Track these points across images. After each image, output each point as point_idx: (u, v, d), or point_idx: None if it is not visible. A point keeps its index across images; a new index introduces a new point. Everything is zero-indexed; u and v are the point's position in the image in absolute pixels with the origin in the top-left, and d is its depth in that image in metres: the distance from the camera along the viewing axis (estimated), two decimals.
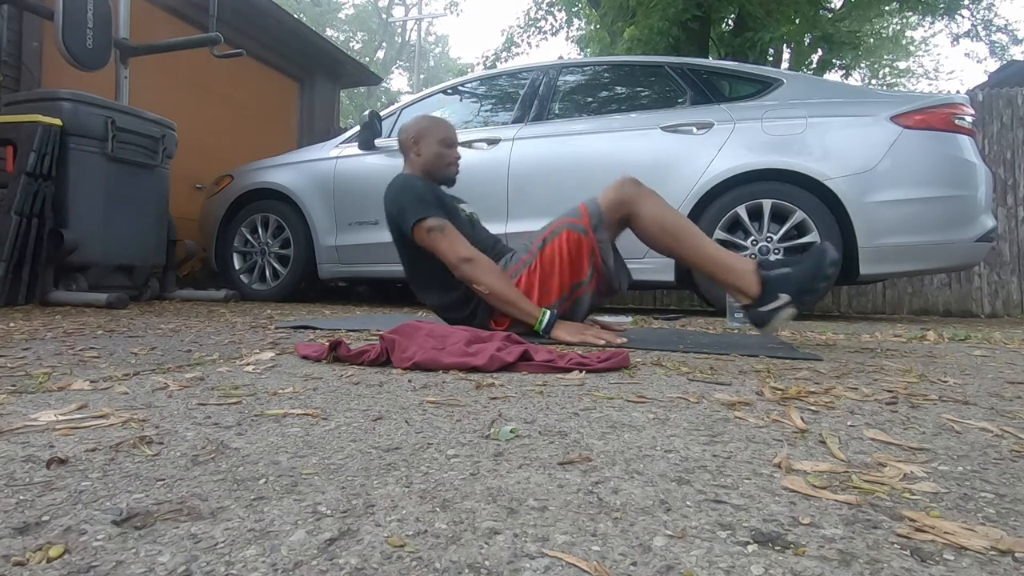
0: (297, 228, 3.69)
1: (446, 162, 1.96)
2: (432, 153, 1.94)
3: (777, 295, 1.52)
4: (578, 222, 1.71)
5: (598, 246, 1.69)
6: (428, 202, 1.78)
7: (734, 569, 0.38)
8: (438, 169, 1.95)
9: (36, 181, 2.67)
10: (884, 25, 12.67)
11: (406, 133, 1.98)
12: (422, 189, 1.82)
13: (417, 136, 1.95)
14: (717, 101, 3.04)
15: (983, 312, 4.44)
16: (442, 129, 1.97)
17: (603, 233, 1.69)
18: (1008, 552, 0.41)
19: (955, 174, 2.70)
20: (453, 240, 1.72)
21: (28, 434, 0.66)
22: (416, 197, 1.79)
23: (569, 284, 1.72)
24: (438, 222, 1.74)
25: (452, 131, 2.00)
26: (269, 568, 0.37)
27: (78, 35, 2.99)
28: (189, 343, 1.53)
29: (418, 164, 1.95)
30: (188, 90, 4.80)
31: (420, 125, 1.98)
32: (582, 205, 1.73)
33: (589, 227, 1.69)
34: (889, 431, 0.74)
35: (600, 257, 1.70)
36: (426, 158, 1.94)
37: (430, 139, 1.94)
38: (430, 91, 3.87)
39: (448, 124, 2.02)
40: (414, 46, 24.84)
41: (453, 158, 1.98)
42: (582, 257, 1.70)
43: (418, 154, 1.95)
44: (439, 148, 1.94)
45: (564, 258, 1.70)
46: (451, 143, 1.98)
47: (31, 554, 0.38)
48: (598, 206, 1.70)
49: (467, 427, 0.73)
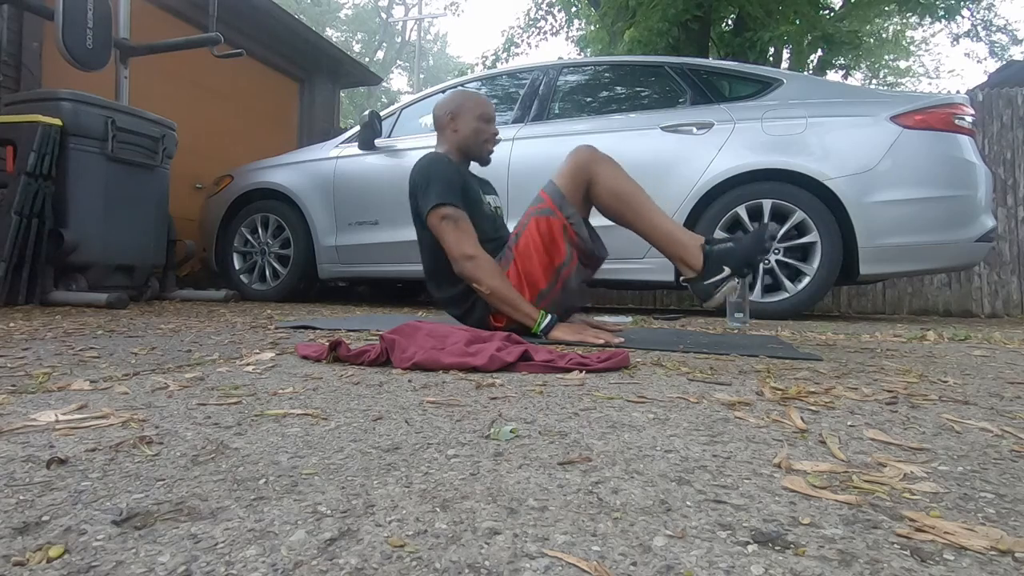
0: (297, 228, 3.69)
1: (483, 138, 1.91)
2: (470, 129, 1.89)
3: (721, 268, 1.61)
4: (542, 207, 1.73)
5: (568, 222, 1.71)
6: (452, 189, 1.74)
7: (734, 569, 0.38)
8: (475, 146, 1.90)
9: (36, 181, 2.67)
10: (884, 25, 12.67)
11: (442, 109, 1.92)
12: (450, 173, 1.77)
13: (455, 112, 1.89)
14: (717, 101, 3.04)
15: (983, 312, 4.44)
16: (480, 104, 1.92)
17: (569, 208, 1.71)
18: (1008, 552, 0.41)
19: (955, 174, 2.70)
20: (461, 235, 1.70)
21: (28, 434, 0.66)
22: (442, 180, 1.74)
23: (553, 268, 1.73)
24: (454, 212, 1.71)
25: (490, 107, 1.95)
26: (269, 568, 0.37)
27: (78, 35, 2.99)
28: (189, 343, 1.53)
29: (454, 141, 1.90)
30: (188, 90, 4.80)
31: (456, 101, 1.92)
32: (541, 191, 1.77)
33: (553, 207, 1.71)
34: (889, 431, 0.74)
35: (573, 232, 1.72)
36: (463, 134, 1.89)
37: (468, 115, 1.89)
38: (430, 91, 3.87)
39: (486, 100, 1.97)
40: (414, 46, 24.84)
41: (491, 134, 1.93)
42: (555, 238, 1.71)
43: (455, 130, 1.89)
44: (477, 124, 1.89)
45: (539, 244, 1.72)
46: (490, 118, 1.93)
47: (31, 554, 0.38)
48: (555, 186, 1.74)
49: (467, 427, 0.73)
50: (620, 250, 2.88)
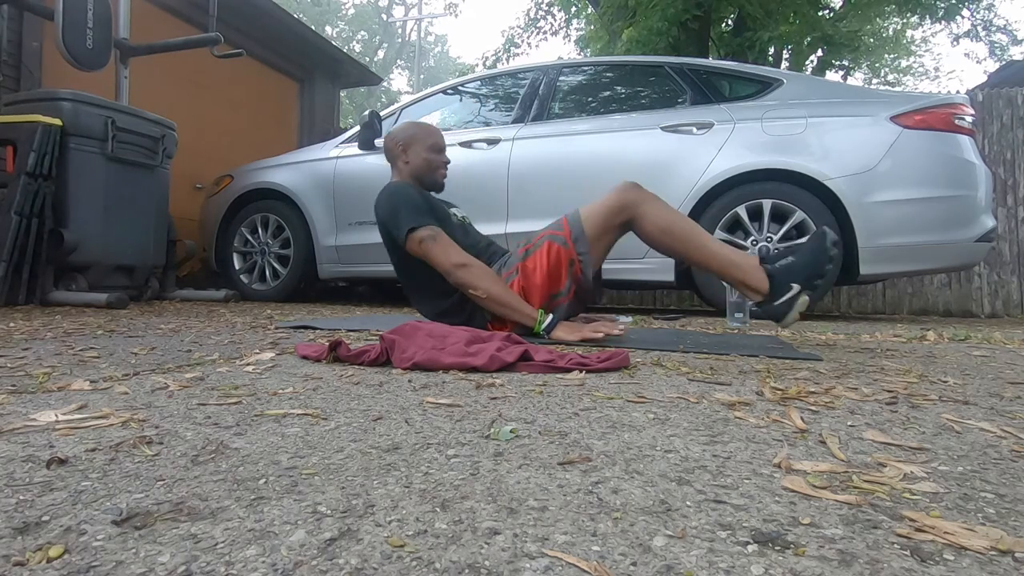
0: (297, 228, 3.69)
1: (435, 167, 1.95)
2: (421, 159, 1.93)
3: (789, 286, 1.52)
4: (558, 234, 1.72)
5: (578, 258, 1.69)
6: (420, 210, 1.77)
7: (734, 569, 0.38)
8: (427, 175, 1.94)
9: (36, 181, 2.67)
10: (884, 25, 12.68)
11: (393, 140, 1.96)
12: (414, 197, 1.80)
13: (405, 143, 1.94)
14: (717, 101, 3.04)
15: (983, 312, 4.44)
16: (430, 135, 1.96)
17: (583, 246, 1.69)
18: (1008, 552, 0.41)
19: (955, 174, 2.70)
20: (446, 247, 1.72)
21: (28, 434, 0.66)
22: (408, 206, 1.77)
23: (548, 294, 1.73)
24: (430, 231, 1.72)
25: (440, 137, 1.99)
26: (269, 568, 0.37)
27: (78, 35, 2.99)
28: (189, 343, 1.53)
29: (407, 171, 1.94)
30: (188, 90, 4.80)
31: (408, 132, 1.96)
32: (563, 218, 1.75)
33: (569, 239, 1.70)
34: (889, 431, 0.74)
35: (579, 270, 1.70)
36: (415, 165, 1.93)
37: (418, 146, 1.93)
38: (430, 91, 3.87)
39: (436, 129, 2.01)
40: (414, 46, 24.85)
41: (442, 163, 1.97)
42: (561, 268, 1.71)
43: (406, 161, 1.94)
44: (428, 154, 1.93)
45: (544, 268, 1.71)
46: (440, 149, 1.97)
47: (31, 554, 0.38)
48: (578, 218, 1.72)
49: (467, 427, 0.73)
50: (620, 250, 2.87)
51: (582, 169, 3.05)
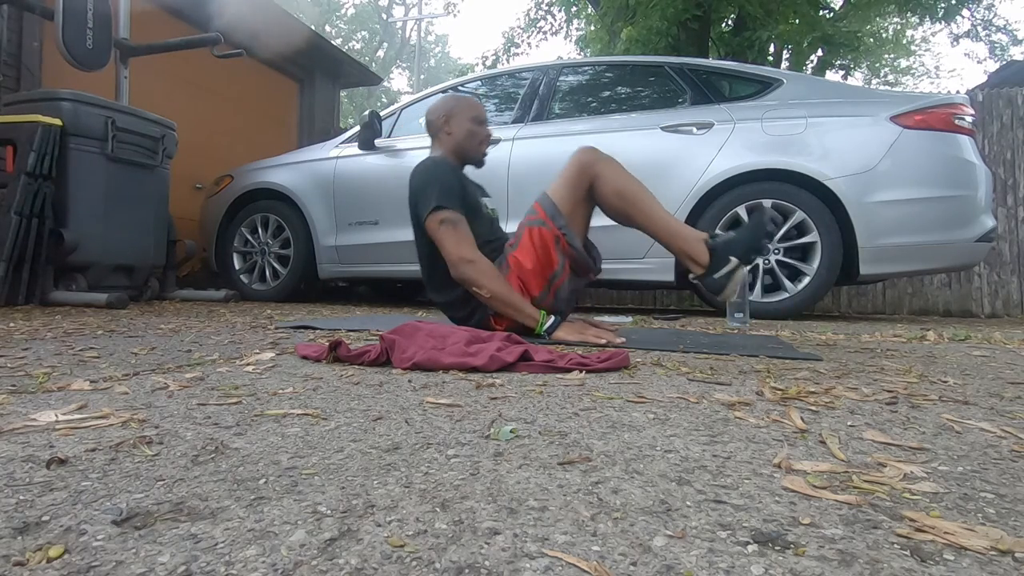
0: (297, 228, 3.69)
1: (478, 140, 1.92)
2: (464, 131, 1.90)
3: (727, 259, 1.62)
4: (535, 218, 1.75)
5: (560, 232, 1.71)
6: (452, 193, 1.74)
7: (734, 569, 0.38)
8: (470, 148, 1.92)
9: (36, 181, 2.67)
10: (884, 25, 12.68)
11: (435, 113, 1.93)
12: (450, 178, 1.78)
13: (448, 115, 1.91)
14: (717, 101, 3.04)
15: (983, 312, 4.44)
16: (473, 107, 1.94)
17: (560, 219, 1.72)
18: (1008, 552, 0.41)
19: (955, 174, 2.70)
20: (460, 238, 1.70)
21: (28, 434, 0.66)
22: (442, 185, 1.75)
23: (545, 278, 1.74)
24: (452, 215, 1.71)
25: (483, 109, 1.97)
26: (269, 568, 0.37)
27: (78, 35, 2.99)
28: (189, 343, 1.53)
29: (449, 144, 1.91)
30: (188, 90, 4.80)
31: (449, 104, 1.93)
32: (535, 203, 1.77)
33: (546, 218, 1.72)
34: (889, 431, 0.74)
35: (566, 243, 1.72)
36: (457, 137, 1.90)
37: (461, 117, 1.90)
38: (430, 91, 3.87)
39: (478, 102, 2.00)
40: (414, 46, 24.84)
41: (485, 136, 1.94)
42: (548, 249, 1.72)
43: (449, 133, 1.91)
44: (471, 126, 1.91)
45: (532, 254, 1.72)
46: (483, 120, 1.95)
47: (31, 554, 0.38)
48: (548, 197, 1.75)
49: (467, 427, 0.73)
50: (620, 250, 2.88)
51: None
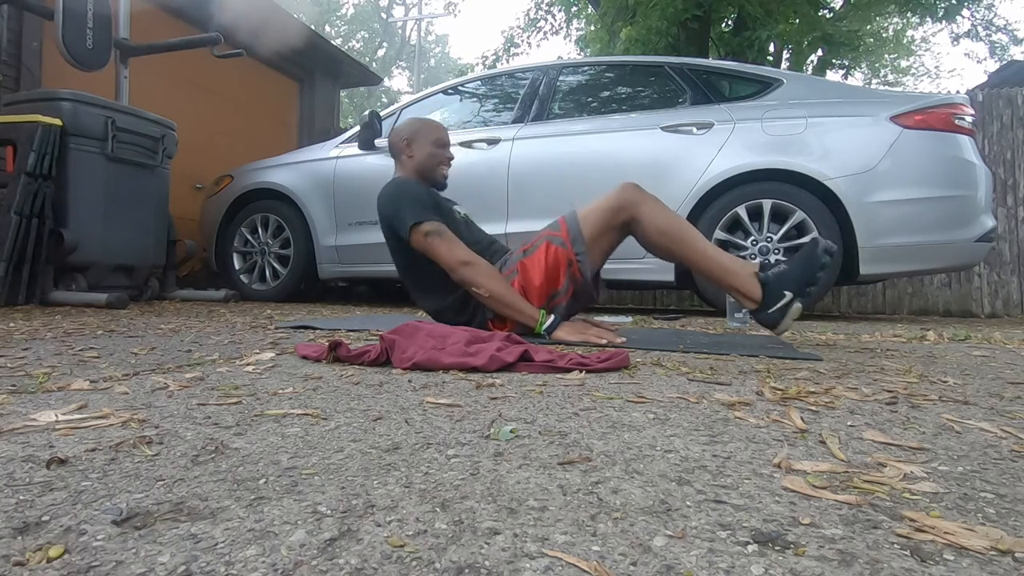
0: (297, 228, 3.69)
1: (438, 163, 1.94)
2: (425, 154, 1.92)
3: (782, 293, 1.55)
4: (556, 235, 1.73)
5: (576, 259, 1.70)
6: (425, 206, 1.77)
7: (734, 569, 0.38)
8: (431, 170, 1.93)
9: (36, 181, 2.67)
10: (884, 25, 12.67)
11: (398, 135, 1.96)
12: (418, 192, 1.81)
13: (410, 138, 1.93)
14: (717, 101, 3.04)
15: (983, 312, 4.44)
16: (434, 130, 1.96)
17: (581, 245, 1.70)
18: (1008, 552, 0.41)
19: (955, 174, 2.70)
20: (451, 244, 1.72)
21: (28, 434, 0.66)
22: (412, 201, 1.77)
23: (546, 294, 1.73)
24: (435, 226, 1.73)
25: (444, 132, 1.99)
26: (269, 568, 0.37)
27: (78, 35, 2.99)
28: (189, 343, 1.53)
29: (411, 166, 1.93)
30: (188, 90, 4.80)
31: (412, 127, 1.96)
32: (561, 218, 1.75)
33: (567, 240, 1.70)
34: (889, 431, 0.74)
35: (577, 270, 1.70)
36: (419, 160, 1.92)
37: (422, 140, 1.93)
38: (430, 91, 3.87)
39: (440, 125, 2.01)
40: (414, 46, 24.84)
41: (446, 159, 1.96)
42: (559, 269, 1.71)
43: (410, 156, 1.93)
44: (432, 149, 1.93)
45: (542, 268, 1.72)
46: (444, 143, 1.97)
47: (31, 554, 0.38)
48: (576, 218, 1.72)
49: (467, 427, 0.73)
50: (620, 250, 2.87)
51: (582, 169, 3.05)
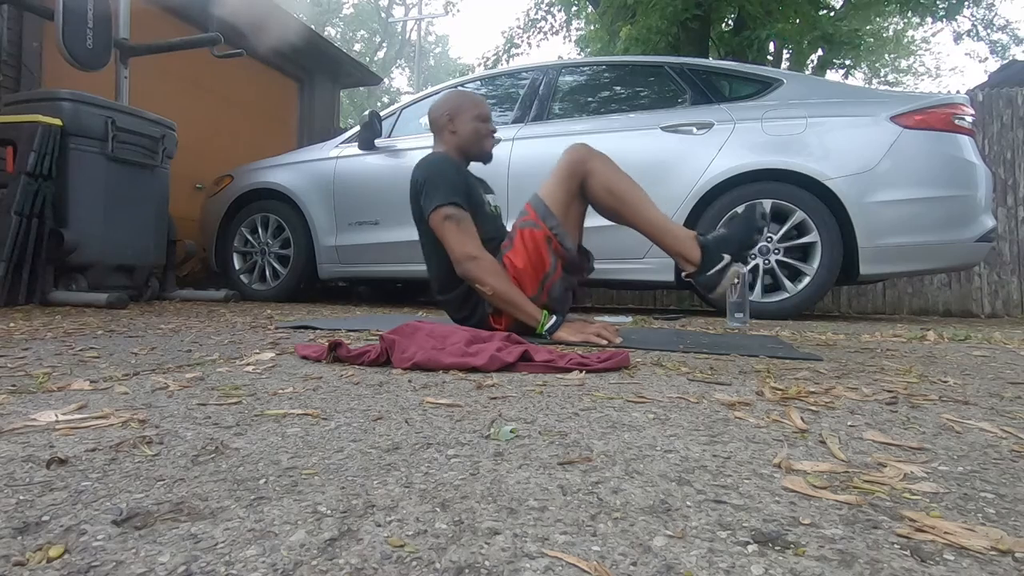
0: (297, 228, 3.69)
1: (483, 136, 1.90)
2: (469, 129, 1.87)
3: (720, 256, 1.62)
4: (527, 219, 1.75)
5: (551, 232, 1.71)
6: (457, 190, 1.73)
7: (734, 569, 0.38)
8: (475, 145, 1.89)
9: (36, 181, 2.67)
10: (885, 25, 12.68)
11: (439, 111, 1.90)
12: (454, 175, 1.77)
13: (452, 113, 1.87)
14: (717, 101, 3.04)
15: (983, 312, 4.44)
16: (477, 104, 1.91)
17: (552, 220, 1.72)
18: (1008, 552, 0.41)
19: (955, 174, 2.70)
20: (464, 235, 1.69)
21: (28, 434, 0.66)
22: (446, 181, 1.74)
23: (539, 278, 1.74)
24: (456, 212, 1.70)
25: (486, 106, 1.94)
26: (269, 568, 0.37)
27: (78, 35, 2.99)
28: (189, 343, 1.53)
29: (453, 142, 1.88)
30: (188, 90, 4.80)
31: (453, 102, 1.90)
32: (527, 204, 1.78)
33: (537, 219, 1.72)
34: (889, 431, 0.74)
35: (557, 243, 1.72)
36: (462, 135, 1.87)
37: (465, 115, 1.88)
38: (430, 91, 3.87)
39: (481, 99, 1.96)
40: (414, 46, 24.85)
41: (489, 132, 1.92)
42: (540, 249, 1.72)
43: (453, 131, 1.87)
44: (475, 123, 1.88)
45: (525, 256, 1.72)
46: (487, 117, 1.92)
47: (31, 554, 0.38)
48: (538, 198, 1.75)
49: (467, 427, 0.73)
50: (620, 250, 2.88)
51: None
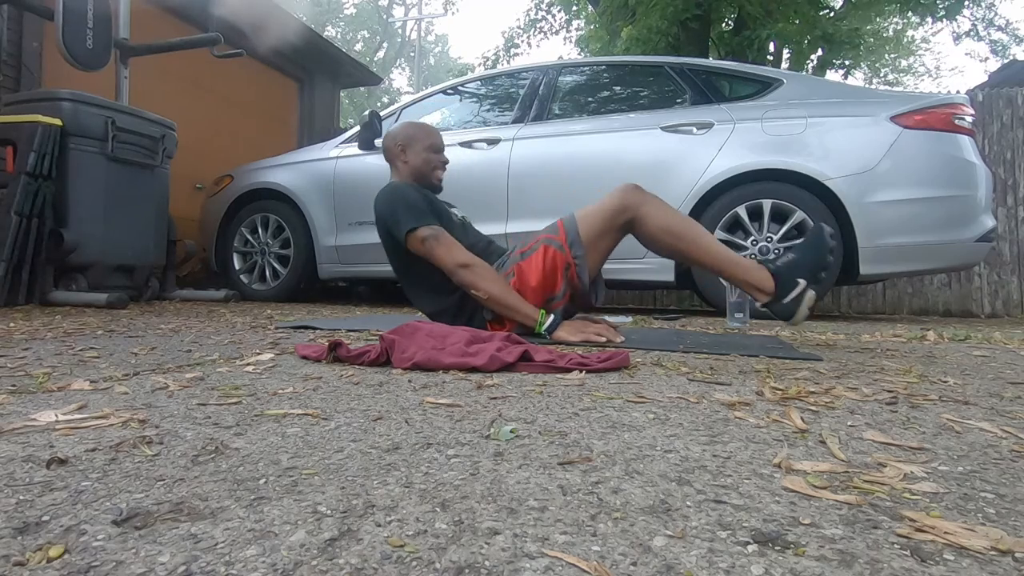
0: (297, 228, 3.69)
1: (433, 167, 1.94)
2: (420, 160, 1.92)
3: (795, 281, 1.53)
4: (555, 238, 1.71)
5: (574, 262, 1.68)
6: (421, 210, 1.76)
7: (734, 569, 0.38)
8: (426, 175, 1.93)
9: (36, 181, 2.67)
10: (885, 25, 12.68)
11: (392, 140, 1.96)
12: (414, 197, 1.80)
13: (404, 143, 1.93)
14: (717, 101, 3.04)
15: (983, 312, 4.44)
16: (429, 135, 1.96)
17: (579, 249, 1.68)
18: (1008, 552, 0.41)
19: (955, 174, 2.70)
20: (449, 247, 1.71)
21: (28, 434, 0.66)
22: (408, 205, 1.76)
23: (543, 297, 1.71)
24: (432, 231, 1.72)
25: (439, 137, 1.98)
26: (269, 568, 0.37)
27: (78, 35, 2.99)
28: (189, 343, 1.53)
29: (406, 171, 1.93)
30: (188, 90, 4.80)
31: (406, 132, 1.96)
32: (559, 221, 1.73)
33: (565, 243, 1.69)
34: (889, 431, 0.74)
35: (575, 274, 1.69)
36: (414, 165, 1.93)
37: (417, 146, 1.93)
38: (430, 91, 3.87)
39: (434, 130, 2.01)
40: (414, 46, 24.85)
41: (441, 163, 1.96)
42: (556, 272, 1.70)
43: (405, 161, 1.93)
44: (427, 154, 1.93)
45: (540, 271, 1.70)
46: (438, 148, 1.96)
47: (31, 554, 0.38)
48: (574, 221, 1.71)
49: (467, 427, 0.73)
50: (620, 250, 2.87)
51: (582, 169, 3.05)
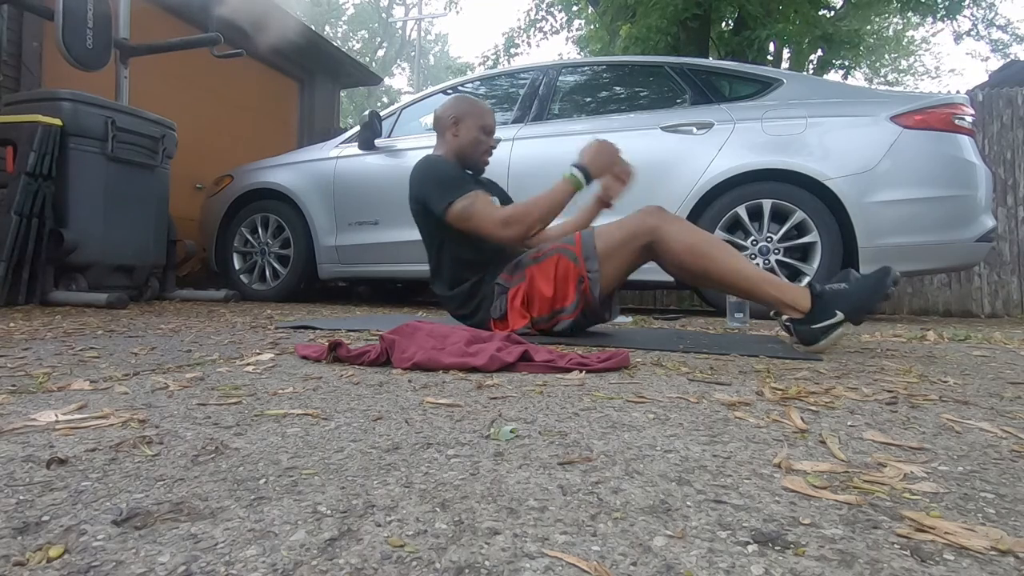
0: (297, 228, 3.69)
1: (482, 149, 1.89)
2: (471, 137, 1.87)
3: (833, 312, 1.44)
4: (570, 248, 1.67)
5: (587, 276, 1.64)
6: (455, 183, 1.71)
7: (734, 569, 0.38)
8: (472, 155, 1.88)
9: (36, 181, 2.67)
10: (885, 25, 12.68)
11: (446, 112, 1.89)
12: (452, 171, 1.76)
13: (458, 117, 1.87)
14: (717, 101, 3.04)
15: (983, 312, 4.44)
16: (484, 114, 1.90)
17: (593, 264, 1.64)
18: (1008, 552, 0.41)
19: (955, 174, 2.70)
20: (485, 210, 1.66)
21: (28, 434, 0.66)
22: (444, 180, 1.72)
23: (553, 307, 1.68)
24: (464, 200, 1.67)
25: (493, 118, 1.93)
26: (269, 568, 0.37)
27: (78, 35, 2.99)
28: (189, 343, 1.53)
29: (452, 146, 1.88)
30: (188, 90, 4.80)
31: (462, 106, 1.89)
32: (578, 234, 1.70)
33: (580, 256, 1.65)
34: (889, 431, 0.74)
35: (588, 288, 1.65)
36: (463, 141, 1.87)
37: (470, 122, 1.87)
38: (430, 91, 3.87)
39: (490, 110, 1.94)
40: (414, 45, 24.85)
41: (489, 146, 1.91)
42: (568, 284, 1.66)
43: (455, 135, 1.87)
44: (478, 134, 1.87)
45: (551, 280, 1.67)
46: (490, 131, 1.91)
47: (31, 554, 0.38)
48: (592, 236, 1.67)
49: (467, 427, 0.73)
50: None
51: None
